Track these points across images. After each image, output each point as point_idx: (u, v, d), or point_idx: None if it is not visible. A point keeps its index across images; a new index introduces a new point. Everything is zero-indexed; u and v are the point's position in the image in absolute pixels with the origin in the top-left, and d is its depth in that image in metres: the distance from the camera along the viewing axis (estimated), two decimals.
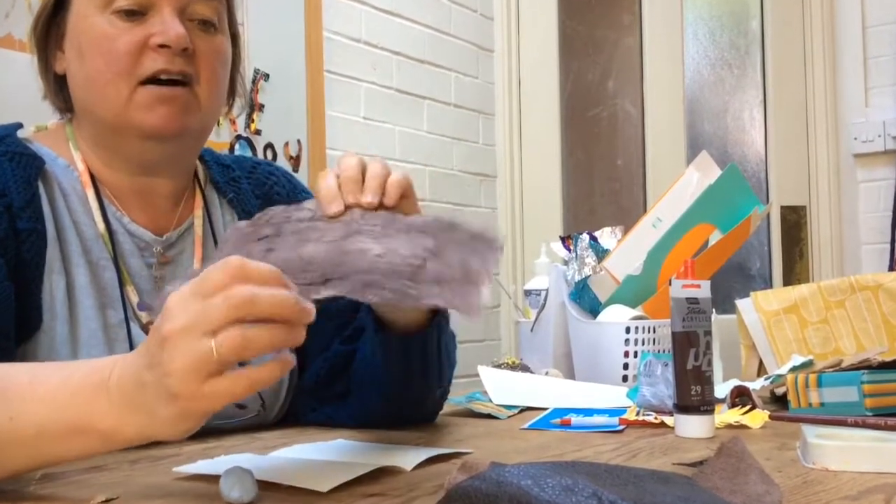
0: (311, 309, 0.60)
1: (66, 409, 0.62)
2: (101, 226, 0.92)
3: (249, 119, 2.18)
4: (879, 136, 2.80)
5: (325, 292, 0.68)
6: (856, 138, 2.85)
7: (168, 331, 0.58)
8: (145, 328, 0.91)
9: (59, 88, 0.96)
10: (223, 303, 0.57)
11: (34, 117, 1.01)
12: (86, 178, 0.93)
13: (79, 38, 0.91)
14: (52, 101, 0.98)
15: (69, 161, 0.94)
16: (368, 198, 0.74)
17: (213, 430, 0.94)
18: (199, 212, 1.00)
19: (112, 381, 0.61)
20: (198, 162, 1.05)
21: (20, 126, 0.95)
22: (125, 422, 0.61)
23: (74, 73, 0.93)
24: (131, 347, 0.88)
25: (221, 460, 0.73)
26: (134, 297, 0.92)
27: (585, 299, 1.53)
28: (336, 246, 0.71)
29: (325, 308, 1.04)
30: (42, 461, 0.64)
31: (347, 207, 0.74)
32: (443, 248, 0.70)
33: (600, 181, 3.08)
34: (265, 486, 0.63)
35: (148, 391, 0.59)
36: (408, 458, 0.73)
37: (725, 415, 1.00)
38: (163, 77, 0.90)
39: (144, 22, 0.90)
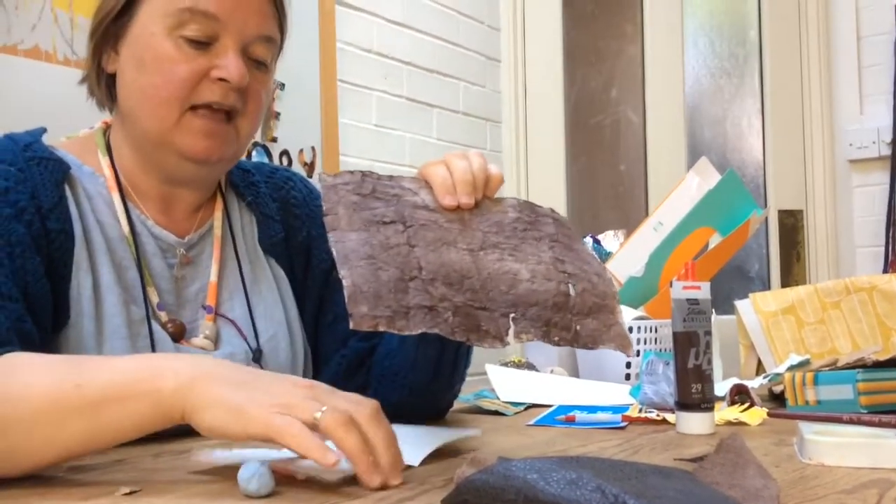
0: (398, 480, 0.64)
1: (135, 372, 0.66)
2: (125, 228, 0.93)
3: (266, 127, 2.21)
4: (874, 142, 2.81)
5: (514, 335, 0.70)
6: (851, 144, 2.85)
7: (297, 385, 0.65)
8: (165, 326, 0.94)
9: (106, 87, 0.97)
10: (349, 409, 0.63)
11: (61, 124, 1.02)
12: (112, 184, 0.95)
13: (141, 51, 0.92)
14: (93, 92, 0.98)
15: (95, 168, 0.95)
16: (479, 196, 0.79)
17: None
18: (218, 213, 1.02)
19: (197, 361, 0.67)
20: None
21: (45, 130, 0.96)
22: (179, 391, 0.64)
23: (128, 81, 0.93)
24: (152, 343, 0.91)
25: (237, 452, 0.74)
26: (154, 298, 0.94)
27: None
28: (479, 261, 0.74)
29: (343, 305, 1.08)
30: (97, 434, 0.66)
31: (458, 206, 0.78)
32: (570, 261, 0.76)
33: (603, 186, 3.08)
34: (280, 480, 0.63)
35: (224, 382, 0.64)
36: (416, 451, 0.73)
37: (725, 412, 1.01)
38: (214, 106, 0.92)
39: (207, 52, 0.92)
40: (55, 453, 0.67)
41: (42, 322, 0.85)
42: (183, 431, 0.83)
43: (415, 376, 0.97)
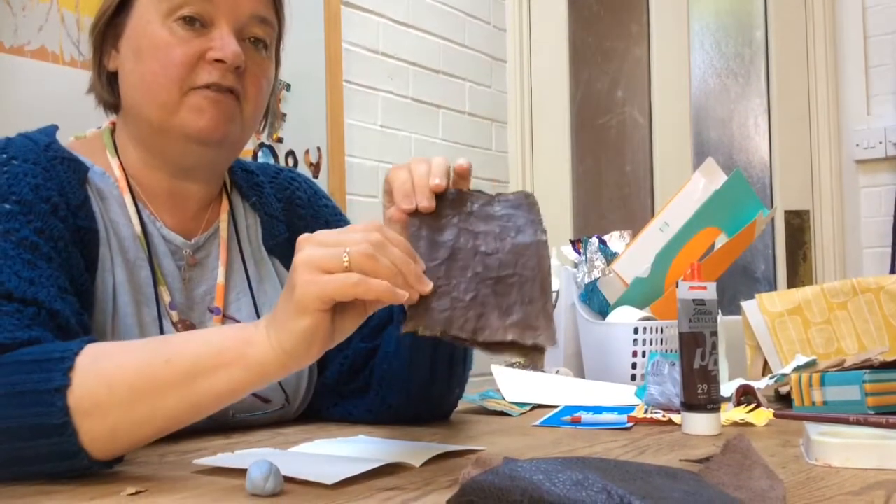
0: (429, 286, 0.71)
1: (220, 342, 0.69)
2: (138, 228, 0.94)
3: (272, 127, 2.22)
4: (881, 142, 2.79)
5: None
6: (858, 145, 2.83)
7: (308, 249, 0.68)
8: (175, 327, 0.94)
9: (108, 85, 0.98)
10: (362, 237, 0.67)
11: (68, 125, 1.03)
12: (123, 184, 0.95)
13: (138, 41, 0.93)
14: (99, 95, 0.99)
15: (105, 168, 0.96)
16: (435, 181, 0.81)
17: (239, 424, 0.98)
18: (224, 215, 1.03)
19: (263, 318, 0.70)
20: None
21: (57, 128, 0.97)
22: (267, 341, 0.68)
23: (128, 73, 0.94)
24: None
25: (240, 454, 0.76)
26: (166, 297, 0.95)
27: (595, 301, 1.54)
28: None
29: None
30: (192, 401, 0.69)
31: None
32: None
33: (609, 187, 3.08)
34: (286, 480, 0.63)
35: (280, 301, 0.68)
36: (418, 455, 0.74)
37: (731, 413, 1.01)
38: (213, 89, 0.92)
39: (204, 35, 0.93)
40: (155, 428, 0.71)
41: (89, 314, 0.87)
42: (187, 432, 0.84)
43: (413, 378, 0.97)
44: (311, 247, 0.68)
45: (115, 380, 0.68)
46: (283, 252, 1.07)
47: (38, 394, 0.66)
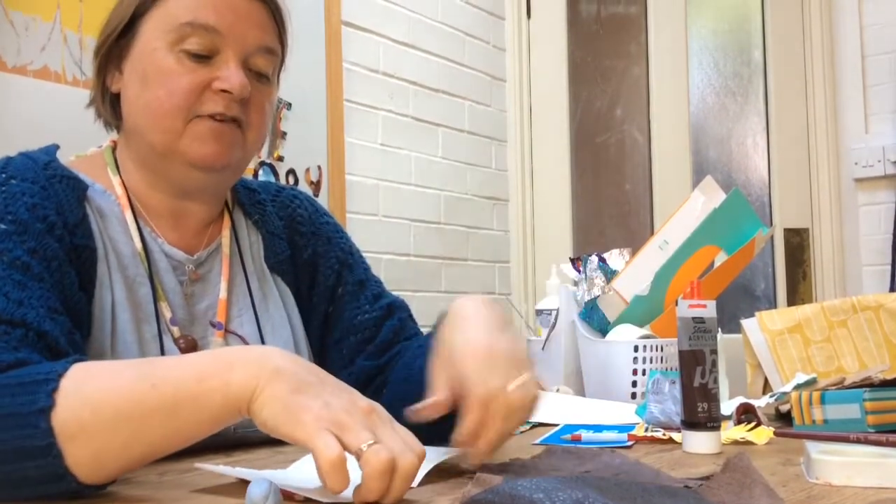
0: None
1: (207, 366, 0.67)
2: (138, 245, 0.95)
3: (273, 146, 2.23)
4: (879, 161, 2.80)
5: None
6: (856, 163, 2.84)
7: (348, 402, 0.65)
8: (177, 342, 0.94)
9: (110, 105, 0.98)
10: (394, 433, 0.64)
11: (70, 144, 1.03)
12: (124, 202, 0.96)
13: (144, 66, 0.93)
14: (99, 112, 1.00)
15: (107, 186, 0.96)
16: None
17: (240, 440, 0.98)
18: (226, 232, 1.03)
19: (263, 355, 0.67)
20: None
21: (58, 147, 0.97)
22: (247, 385, 0.65)
23: (132, 97, 0.95)
24: None
25: (241, 469, 0.76)
26: (167, 313, 0.95)
27: (595, 319, 1.53)
28: None
29: (349, 321, 1.09)
30: (178, 431, 0.67)
31: None
32: None
33: (609, 205, 3.09)
34: (285, 498, 0.62)
35: (288, 380, 0.65)
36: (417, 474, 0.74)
37: (731, 431, 1.01)
38: (217, 118, 0.93)
39: (210, 65, 0.93)
40: (139, 454, 0.68)
41: (82, 334, 0.86)
42: (188, 450, 0.83)
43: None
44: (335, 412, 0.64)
45: (100, 403, 0.67)
46: (284, 270, 1.07)
47: (23, 416, 0.65)
